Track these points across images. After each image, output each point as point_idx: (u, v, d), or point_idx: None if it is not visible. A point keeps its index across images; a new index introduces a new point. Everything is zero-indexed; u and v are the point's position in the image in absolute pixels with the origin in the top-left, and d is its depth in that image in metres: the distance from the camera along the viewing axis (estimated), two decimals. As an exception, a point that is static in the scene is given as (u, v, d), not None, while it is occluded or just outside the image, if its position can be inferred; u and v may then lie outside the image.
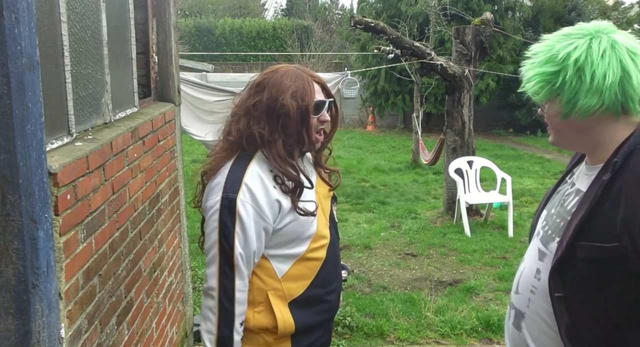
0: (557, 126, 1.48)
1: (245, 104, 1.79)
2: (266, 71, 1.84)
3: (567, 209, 1.49)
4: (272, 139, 1.74)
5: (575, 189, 1.52)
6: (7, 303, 1.38)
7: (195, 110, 7.80)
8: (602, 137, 1.43)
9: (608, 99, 1.36)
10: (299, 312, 1.80)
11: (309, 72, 1.84)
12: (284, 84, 1.76)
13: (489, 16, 7.54)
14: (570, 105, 1.39)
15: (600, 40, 1.37)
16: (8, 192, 1.33)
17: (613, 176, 1.37)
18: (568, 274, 1.42)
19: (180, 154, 3.47)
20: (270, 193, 1.72)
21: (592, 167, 1.48)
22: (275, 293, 1.78)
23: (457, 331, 4.12)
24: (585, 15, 15.23)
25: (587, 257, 1.38)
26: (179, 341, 3.32)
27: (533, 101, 1.51)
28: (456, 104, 7.26)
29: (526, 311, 1.56)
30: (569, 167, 1.65)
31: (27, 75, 1.34)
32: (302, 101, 1.75)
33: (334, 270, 1.92)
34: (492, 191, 7.21)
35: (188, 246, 3.69)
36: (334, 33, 22.28)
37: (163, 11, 3.25)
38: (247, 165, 1.73)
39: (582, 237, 1.39)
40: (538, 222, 1.64)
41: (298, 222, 1.76)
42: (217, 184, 1.72)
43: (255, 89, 1.80)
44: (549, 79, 1.40)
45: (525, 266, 1.61)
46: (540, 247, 1.54)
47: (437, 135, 11.03)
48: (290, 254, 1.79)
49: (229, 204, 1.67)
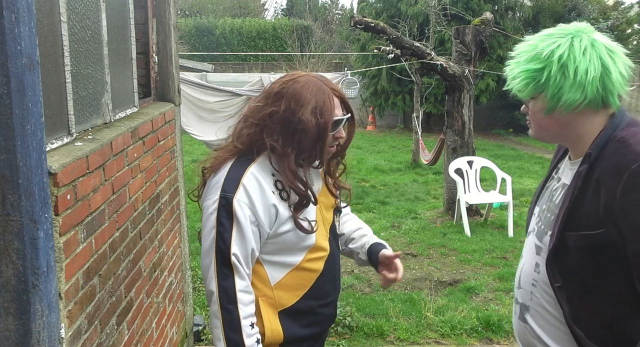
0: (541, 121, 1.55)
1: (261, 113, 1.72)
2: (285, 79, 1.75)
3: (556, 203, 1.58)
4: (284, 152, 1.69)
5: (561, 183, 1.61)
6: (7, 303, 1.38)
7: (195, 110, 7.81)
8: (582, 131, 1.52)
9: (590, 93, 1.44)
10: (289, 322, 1.76)
11: (330, 85, 1.76)
12: (304, 98, 1.68)
13: (489, 16, 7.54)
14: (554, 100, 1.47)
15: (581, 39, 1.46)
16: (8, 192, 1.33)
17: (590, 167, 1.46)
18: (563, 265, 1.51)
19: (180, 154, 3.47)
20: (267, 197, 1.67)
21: (575, 161, 1.57)
22: (266, 300, 1.74)
23: (457, 331, 4.12)
24: (585, 15, 15.24)
25: (578, 246, 1.46)
26: (179, 341, 3.32)
27: (519, 98, 1.59)
28: (456, 104, 7.26)
29: (530, 304, 1.63)
30: (553, 163, 1.74)
31: (27, 75, 1.34)
32: (321, 118, 1.68)
33: (332, 283, 1.87)
34: (492, 191, 7.21)
35: (188, 245, 3.69)
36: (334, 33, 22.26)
37: (163, 11, 3.25)
38: (247, 167, 1.70)
39: (570, 228, 1.48)
40: (532, 219, 1.71)
41: (295, 233, 1.72)
42: (217, 182, 1.68)
43: (273, 98, 1.72)
44: (534, 76, 1.48)
45: (524, 262, 1.69)
46: (536, 242, 1.63)
47: (437, 135, 11.04)
48: (285, 263, 1.75)
49: (225, 203, 1.64)
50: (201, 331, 3.85)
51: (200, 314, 4.17)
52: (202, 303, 4.49)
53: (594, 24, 11.83)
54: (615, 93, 1.47)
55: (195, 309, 4.23)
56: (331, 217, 1.89)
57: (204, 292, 4.69)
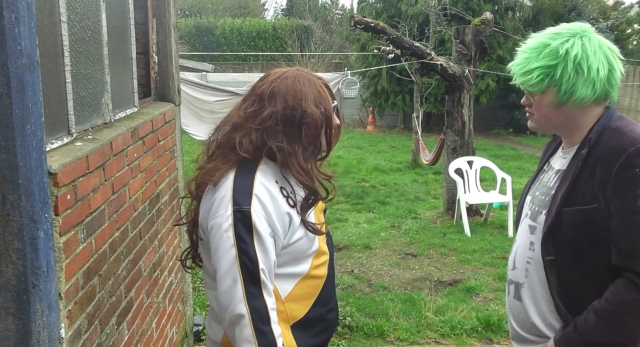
0: (548, 114, 1.67)
1: (258, 117, 1.62)
2: (271, 78, 1.67)
3: (550, 186, 1.72)
4: (292, 151, 1.61)
5: (554, 170, 1.75)
6: (7, 303, 1.38)
7: (195, 110, 7.81)
8: (582, 122, 1.66)
9: (599, 89, 1.59)
10: (302, 334, 1.68)
11: (313, 74, 1.71)
12: (300, 91, 1.62)
13: (489, 16, 7.55)
14: (567, 95, 1.60)
15: (589, 39, 1.60)
16: (8, 192, 1.33)
17: (589, 151, 1.61)
18: (558, 239, 1.63)
19: (180, 154, 3.47)
20: (280, 206, 1.58)
21: (568, 150, 1.71)
22: (279, 315, 1.60)
23: (457, 331, 4.12)
24: (585, 15, 15.24)
25: (573, 220, 1.59)
26: (179, 341, 3.32)
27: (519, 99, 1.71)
28: (456, 104, 7.26)
29: (524, 281, 1.74)
30: (544, 159, 1.86)
31: (27, 75, 1.34)
32: (324, 108, 1.65)
33: (333, 287, 1.83)
34: (492, 191, 7.21)
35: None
36: (334, 33, 22.27)
37: (163, 11, 3.25)
38: (253, 176, 1.58)
39: (567, 204, 1.61)
40: (524, 206, 1.84)
41: (306, 238, 1.65)
42: (223, 197, 1.54)
43: (267, 100, 1.62)
44: (548, 72, 1.59)
45: (519, 244, 1.80)
46: (530, 223, 1.75)
47: (437, 135, 11.04)
48: (294, 273, 1.67)
49: (242, 217, 1.50)
50: (201, 331, 3.85)
51: (200, 314, 4.17)
52: (202, 303, 4.49)
53: (594, 24, 11.83)
54: (616, 89, 1.63)
55: (195, 309, 4.23)
56: (323, 220, 1.84)
57: (204, 292, 4.71)
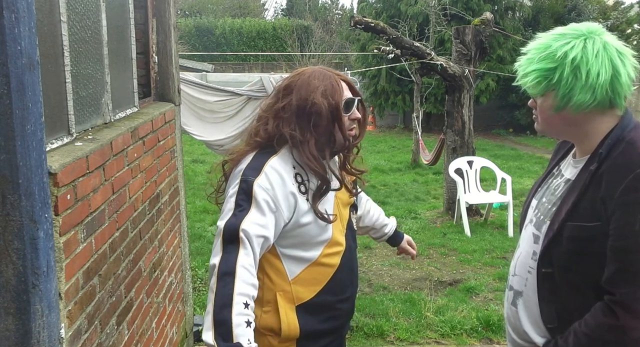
0: (549, 118, 1.59)
1: (274, 108, 1.80)
2: (292, 74, 1.86)
3: (557, 195, 1.64)
4: (304, 139, 1.75)
5: (564, 179, 1.67)
6: (7, 303, 1.38)
7: (195, 110, 7.80)
8: (589, 129, 1.56)
9: (600, 95, 1.48)
10: (306, 317, 1.78)
11: (334, 72, 1.85)
12: (312, 84, 1.77)
13: (489, 16, 7.54)
14: (565, 100, 1.51)
15: (593, 41, 1.49)
16: (8, 192, 1.33)
17: (598, 165, 1.51)
18: (557, 253, 1.57)
19: (180, 154, 3.47)
20: (287, 185, 1.71)
21: (579, 159, 1.62)
22: (284, 295, 1.77)
23: (457, 331, 4.11)
24: (585, 15, 15.24)
25: (570, 235, 1.52)
26: (179, 341, 3.32)
27: (528, 96, 1.62)
28: (456, 104, 7.26)
29: (523, 290, 1.69)
30: (554, 162, 1.79)
31: (27, 75, 1.34)
32: (333, 99, 1.76)
33: (349, 278, 1.90)
34: (492, 191, 7.21)
35: (188, 245, 3.69)
36: (334, 33, 22.27)
37: (163, 11, 3.25)
38: (269, 157, 1.74)
39: (570, 219, 1.54)
40: (529, 210, 1.78)
41: (316, 225, 1.76)
42: (239, 171, 1.72)
43: (283, 92, 1.81)
44: (546, 75, 1.51)
45: (521, 251, 1.74)
46: (534, 231, 1.68)
47: (437, 135, 11.03)
48: (303, 257, 1.79)
49: (246, 186, 1.66)
50: (201, 331, 3.85)
51: (200, 314, 4.17)
52: (202, 303, 4.49)
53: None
54: (622, 95, 1.51)
55: (195, 309, 4.23)
56: (348, 214, 1.94)
57: (204, 292, 4.71)
